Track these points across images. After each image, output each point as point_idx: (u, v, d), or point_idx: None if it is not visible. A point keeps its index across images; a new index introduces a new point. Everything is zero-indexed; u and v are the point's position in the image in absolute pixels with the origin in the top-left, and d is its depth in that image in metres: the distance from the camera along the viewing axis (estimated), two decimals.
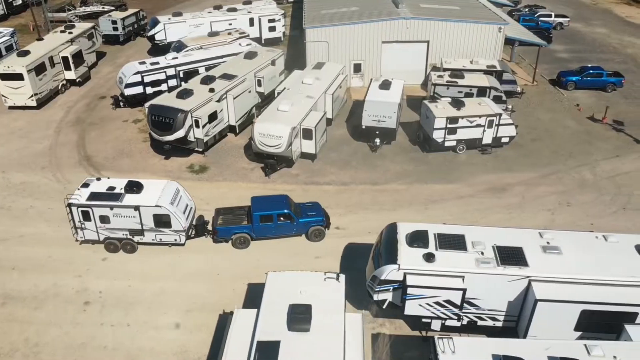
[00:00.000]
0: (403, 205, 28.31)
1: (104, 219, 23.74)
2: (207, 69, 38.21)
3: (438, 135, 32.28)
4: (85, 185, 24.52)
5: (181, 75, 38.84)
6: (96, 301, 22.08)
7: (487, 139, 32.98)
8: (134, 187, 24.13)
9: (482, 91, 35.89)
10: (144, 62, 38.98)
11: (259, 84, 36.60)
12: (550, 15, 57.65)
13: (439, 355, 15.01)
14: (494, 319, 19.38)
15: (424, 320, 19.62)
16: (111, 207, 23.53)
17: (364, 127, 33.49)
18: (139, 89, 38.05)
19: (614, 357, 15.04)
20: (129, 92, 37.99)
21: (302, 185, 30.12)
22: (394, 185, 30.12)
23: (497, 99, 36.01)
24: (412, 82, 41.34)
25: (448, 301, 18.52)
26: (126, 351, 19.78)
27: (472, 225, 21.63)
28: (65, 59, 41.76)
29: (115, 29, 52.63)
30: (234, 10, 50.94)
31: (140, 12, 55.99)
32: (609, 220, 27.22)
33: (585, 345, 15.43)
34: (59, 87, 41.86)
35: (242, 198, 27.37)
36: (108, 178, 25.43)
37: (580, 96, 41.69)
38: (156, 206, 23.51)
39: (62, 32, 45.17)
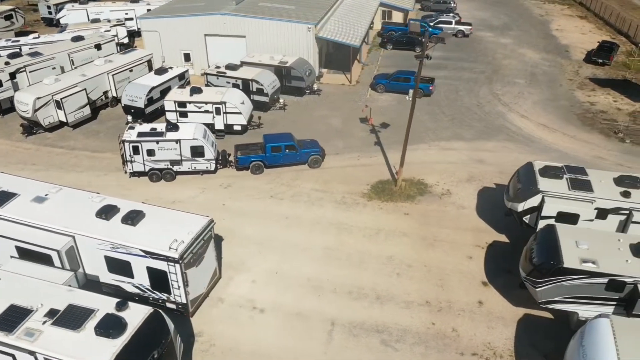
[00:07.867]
0: (66, 167, 33.14)
1: (150, 152, 30.07)
2: None
3: (170, 117, 36.13)
4: (131, 127, 30.86)
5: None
6: None
7: (219, 125, 36.16)
8: (171, 126, 30.73)
9: (245, 83, 38.88)
10: (9, 39, 46.91)
11: (72, 63, 42.78)
12: (450, 23, 57.00)
13: None
14: None
15: None
16: (157, 142, 29.93)
17: (123, 105, 38.25)
18: None
19: None
20: None
21: (38, 146, 35.82)
22: (98, 154, 34.57)
23: (259, 92, 38.92)
24: None
25: None
26: None
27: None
28: None
29: (50, 12, 61.80)
30: (136, 1, 57.50)
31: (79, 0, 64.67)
32: (234, 202, 29.44)
33: None
34: None
35: None
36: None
37: (384, 99, 42.57)
38: (193, 139, 30.17)
39: None
